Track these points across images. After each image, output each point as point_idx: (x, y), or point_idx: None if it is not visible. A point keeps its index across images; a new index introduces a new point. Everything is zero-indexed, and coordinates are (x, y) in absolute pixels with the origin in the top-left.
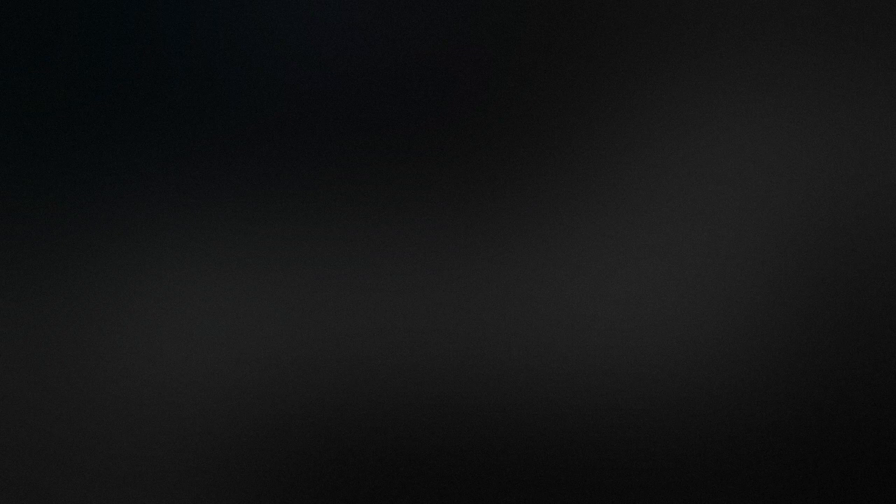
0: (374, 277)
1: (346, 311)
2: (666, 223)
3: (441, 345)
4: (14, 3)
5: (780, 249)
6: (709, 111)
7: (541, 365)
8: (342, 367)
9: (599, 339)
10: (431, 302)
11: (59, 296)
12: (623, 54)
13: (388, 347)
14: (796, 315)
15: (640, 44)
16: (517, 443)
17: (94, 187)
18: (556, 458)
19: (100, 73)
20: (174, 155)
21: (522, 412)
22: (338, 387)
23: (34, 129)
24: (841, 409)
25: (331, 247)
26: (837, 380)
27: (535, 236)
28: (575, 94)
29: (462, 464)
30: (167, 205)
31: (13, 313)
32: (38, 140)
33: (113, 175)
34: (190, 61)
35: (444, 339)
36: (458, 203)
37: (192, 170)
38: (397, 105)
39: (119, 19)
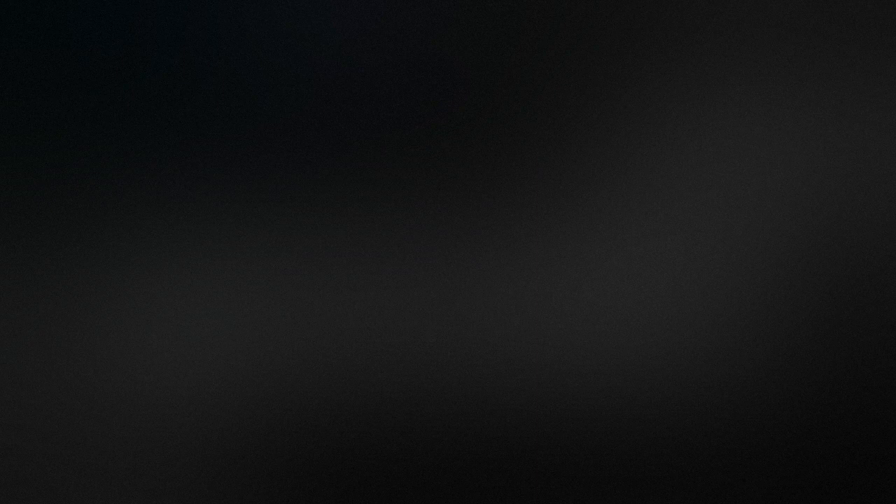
0: (375, 277)
1: (346, 310)
2: (670, 223)
3: (442, 345)
4: (16, 1)
5: (787, 250)
6: (715, 114)
7: (544, 364)
8: (343, 366)
9: (602, 339)
10: (433, 302)
11: (60, 296)
12: (635, 54)
13: (388, 347)
14: (804, 315)
15: (650, 44)
16: (518, 442)
17: (94, 187)
18: (557, 458)
19: (97, 74)
20: (173, 156)
21: (524, 412)
22: (338, 386)
23: (33, 129)
24: (841, 410)
25: (333, 246)
26: (839, 380)
27: (538, 236)
28: (584, 95)
29: (462, 463)
30: (165, 205)
31: (13, 313)
32: (37, 140)
33: (112, 175)
34: (188, 62)
35: (445, 339)
36: (459, 204)
37: (190, 171)
38: (400, 105)
39: (117, 18)
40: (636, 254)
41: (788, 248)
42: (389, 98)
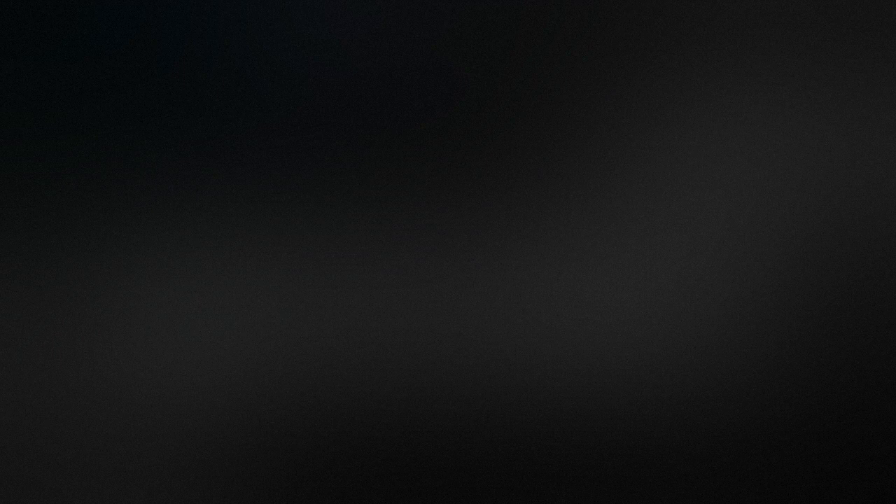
0: (375, 277)
1: (347, 310)
2: (670, 223)
3: (442, 345)
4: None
5: (787, 250)
6: (715, 114)
7: (544, 364)
8: (343, 366)
9: (602, 339)
10: (433, 302)
11: (60, 296)
12: (635, 54)
13: (388, 347)
14: (804, 315)
15: (650, 44)
16: (518, 442)
17: (94, 187)
18: (558, 458)
19: (98, 75)
20: (173, 156)
21: (525, 412)
22: (338, 386)
23: (33, 130)
24: (841, 410)
25: (333, 246)
26: (839, 380)
27: (538, 236)
28: (584, 95)
29: (463, 463)
30: (166, 205)
31: (13, 313)
32: (37, 141)
33: (112, 175)
34: (188, 62)
35: (445, 339)
36: (459, 204)
37: (190, 171)
38: (400, 106)
39: (118, 19)
40: (636, 253)
41: (789, 248)
42: (390, 99)
